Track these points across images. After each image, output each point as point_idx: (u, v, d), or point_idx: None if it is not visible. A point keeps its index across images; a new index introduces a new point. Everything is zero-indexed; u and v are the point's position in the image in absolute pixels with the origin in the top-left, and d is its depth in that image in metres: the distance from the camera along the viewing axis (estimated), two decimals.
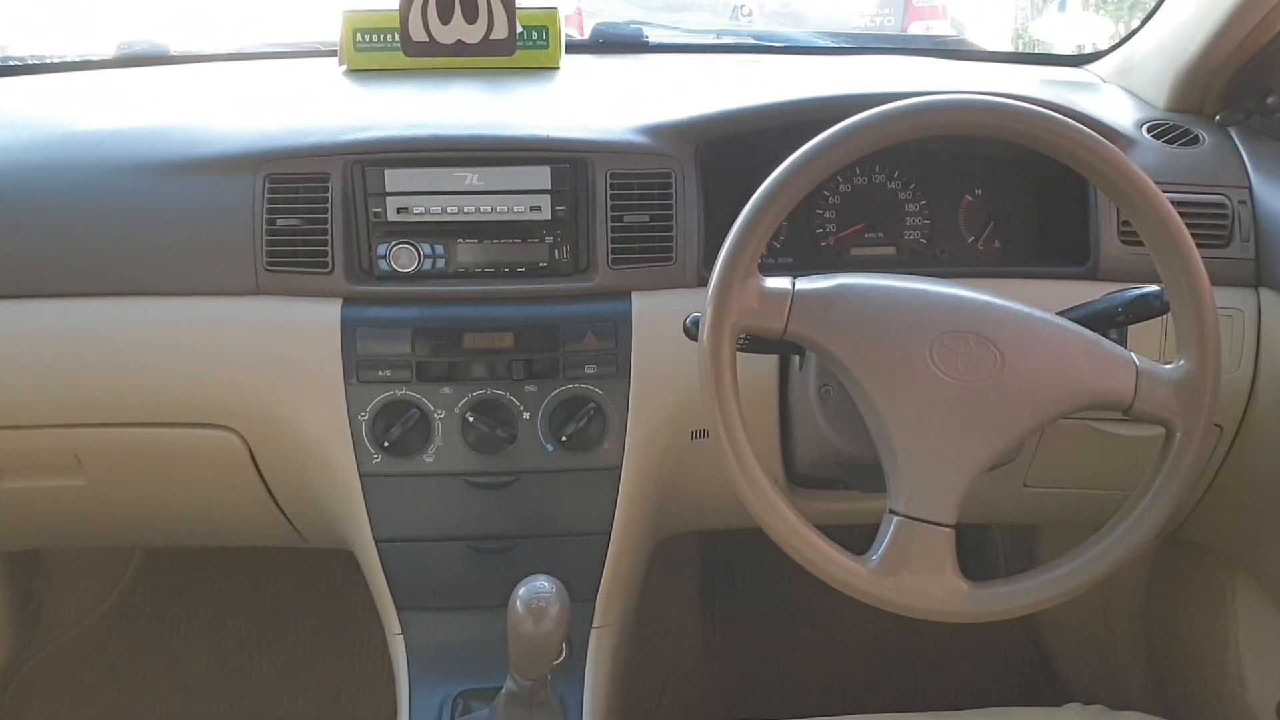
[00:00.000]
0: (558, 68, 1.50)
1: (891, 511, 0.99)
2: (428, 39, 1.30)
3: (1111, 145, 1.01)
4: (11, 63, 1.67)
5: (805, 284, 1.00)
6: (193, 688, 1.94)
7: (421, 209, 1.21)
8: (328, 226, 1.20)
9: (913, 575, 0.98)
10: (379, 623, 1.36)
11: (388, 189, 1.21)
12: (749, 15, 5.25)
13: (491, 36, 1.30)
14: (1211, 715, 1.54)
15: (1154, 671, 1.73)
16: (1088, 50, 1.72)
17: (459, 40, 1.31)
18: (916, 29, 5.89)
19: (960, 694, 1.88)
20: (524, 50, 1.46)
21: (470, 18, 1.28)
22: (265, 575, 2.03)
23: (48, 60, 1.67)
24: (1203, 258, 1.00)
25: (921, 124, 0.99)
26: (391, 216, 1.21)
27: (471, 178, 1.21)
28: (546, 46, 1.47)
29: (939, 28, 6.01)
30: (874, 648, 1.96)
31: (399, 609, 1.30)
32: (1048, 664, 1.94)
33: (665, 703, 1.88)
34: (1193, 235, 1.00)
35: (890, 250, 1.37)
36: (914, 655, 1.93)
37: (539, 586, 1.06)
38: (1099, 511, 1.46)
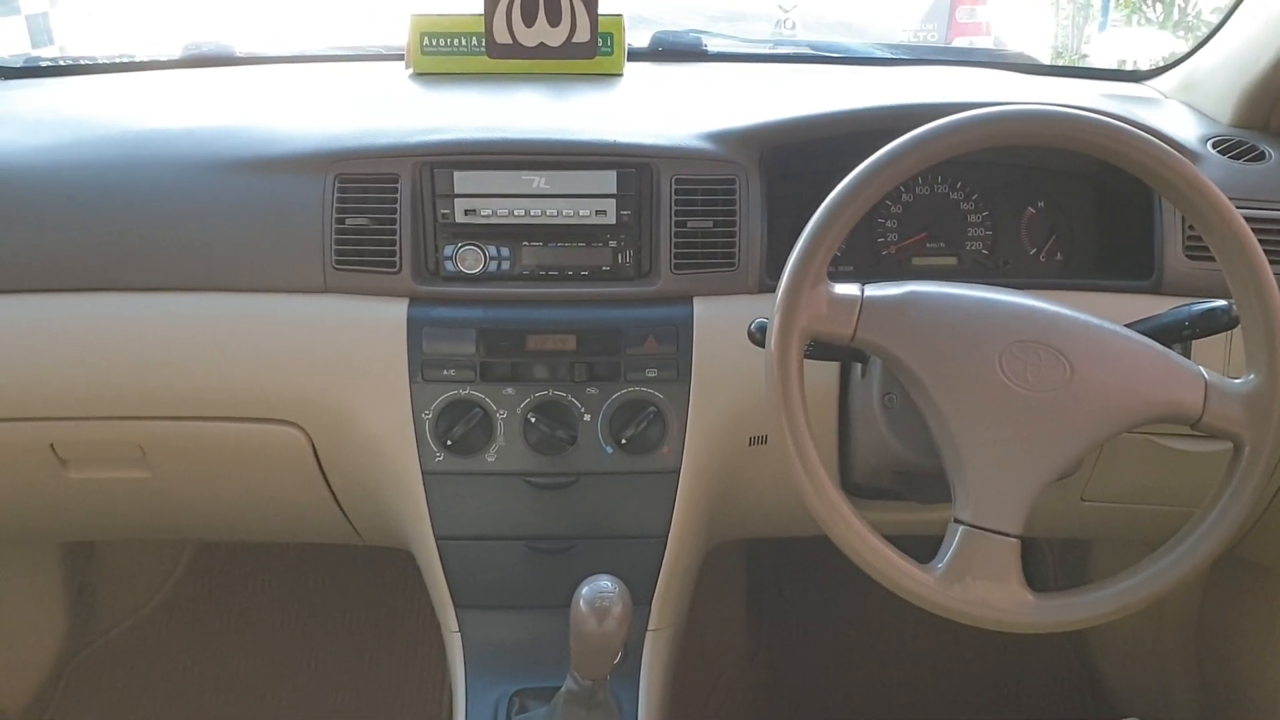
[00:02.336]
0: (621, 74, 1.51)
1: (957, 520, 0.99)
2: (511, 41, 1.32)
3: (1184, 159, 1.00)
4: (82, 62, 1.70)
5: (874, 290, 1.01)
6: (242, 682, 1.96)
7: (489, 211, 1.23)
8: (396, 227, 1.22)
9: (978, 585, 0.98)
10: (427, 622, 1.37)
11: (456, 190, 1.22)
12: (792, 29, 5.25)
13: (574, 39, 1.31)
14: None
15: (1205, 691, 1.71)
16: (1128, 67, 1.72)
17: (542, 43, 1.32)
18: (960, 45, 5.87)
19: (1007, 709, 1.87)
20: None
21: (553, 20, 1.29)
22: (316, 573, 2.05)
23: (117, 60, 1.70)
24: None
25: (995, 133, 0.99)
26: (459, 218, 1.23)
27: (538, 181, 1.23)
28: (611, 53, 1.49)
29: (981, 44, 5.99)
30: (920, 661, 1.96)
31: (457, 607, 1.31)
32: (1096, 681, 1.93)
33: (711, 710, 1.88)
34: None
35: (952, 261, 1.37)
36: (960, 669, 1.92)
37: (602, 586, 1.07)
38: (1156, 528, 1.45)
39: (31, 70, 1.67)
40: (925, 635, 1.94)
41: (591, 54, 1.36)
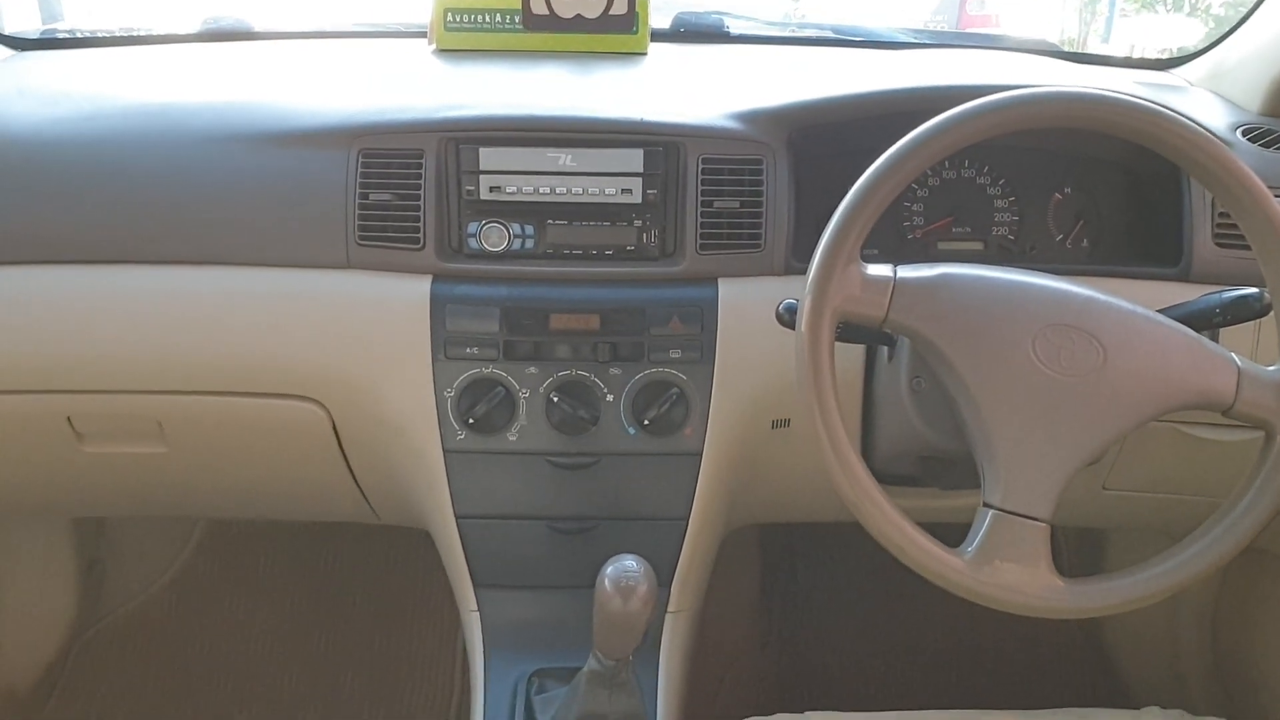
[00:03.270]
0: (645, 53, 1.50)
1: (986, 505, 0.98)
2: (548, 12, 1.31)
3: (1221, 144, 0.99)
4: (99, 35, 1.69)
5: (907, 272, 1.00)
6: (252, 661, 1.96)
7: (514, 188, 1.22)
8: (420, 203, 1.21)
9: (1008, 570, 0.97)
10: (439, 604, 1.37)
11: (481, 167, 1.21)
12: (802, 19, 5.22)
13: (611, 12, 1.29)
14: None
15: (1221, 680, 1.71)
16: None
17: (578, 15, 1.31)
18: None
19: (1019, 696, 1.87)
20: (612, 35, 1.46)
21: None
22: (328, 552, 2.05)
23: (135, 33, 1.69)
24: None
25: (1034, 114, 0.98)
26: (484, 195, 1.22)
27: (565, 159, 1.22)
28: (636, 31, 1.47)
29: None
30: (933, 648, 1.96)
31: (476, 586, 1.31)
32: (1110, 668, 1.93)
33: (724, 693, 1.88)
34: None
35: (978, 245, 1.36)
36: (972, 658, 1.92)
37: (627, 566, 1.06)
38: (1176, 518, 1.45)
39: (48, 42, 1.66)
40: (938, 622, 1.94)
41: (630, 27, 1.35)
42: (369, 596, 2.01)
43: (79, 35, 1.71)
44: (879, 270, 0.99)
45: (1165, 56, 1.69)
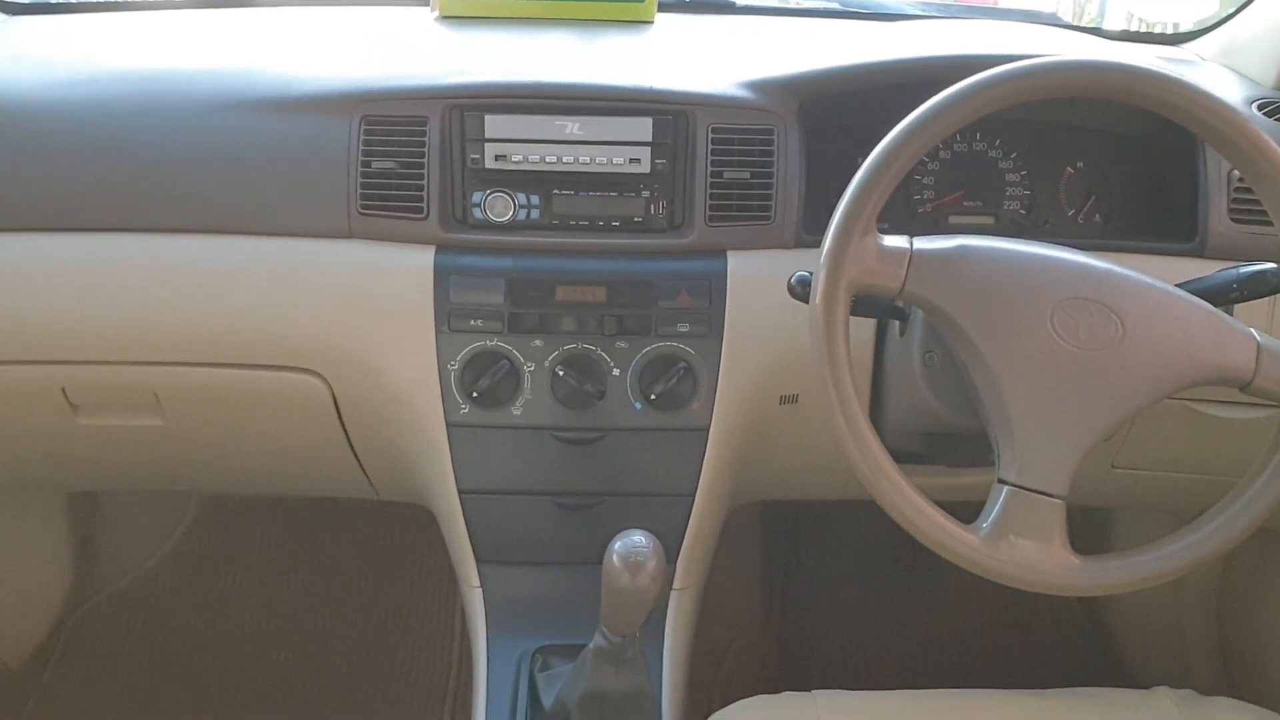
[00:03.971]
0: (652, 21, 1.48)
1: (1001, 481, 0.97)
2: None
3: (1245, 115, 0.98)
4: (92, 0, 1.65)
5: (924, 244, 0.98)
6: (246, 637, 1.94)
7: (520, 157, 1.20)
8: (424, 171, 1.19)
9: (1023, 546, 0.96)
10: (436, 582, 1.35)
11: (487, 135, 1.19)
12: None
13: None
14: None
15: (1225, 660, 1.70)
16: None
17: None
18: None
19: (1022, 675, 1.87)
20: (619, 3, 1.44)
21: None
22: (324, 529, 2.03)
23: None
24: None
25: (1053, 83, 0.96)
26: (489, 164, 1.20)
27: (572, 127, 1.19)
28: (642, 0, 1.45)
29: None
30: (933, 628, 1.95)
31: (479, 562, 1.29)
32: (1113, 648, 1.92)
33: (725, 670, 1.87)
34: None
35: (989, 220, 1.35)
36: (973, 639, 1.91)
37: (635, 541, 1.04)
38: (1185, 497, 1.44)
39: (41, 6, 1.63)
40: (939, 602, 1.94)
41: None
42: (366, 573, 1.99)
43: (72, 0, 1.67)
44: (895, 241, 0.98)
45: (1176, 32, 1.67)
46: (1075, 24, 1.75)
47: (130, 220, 1.21)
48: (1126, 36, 1.73)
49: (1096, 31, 1.69)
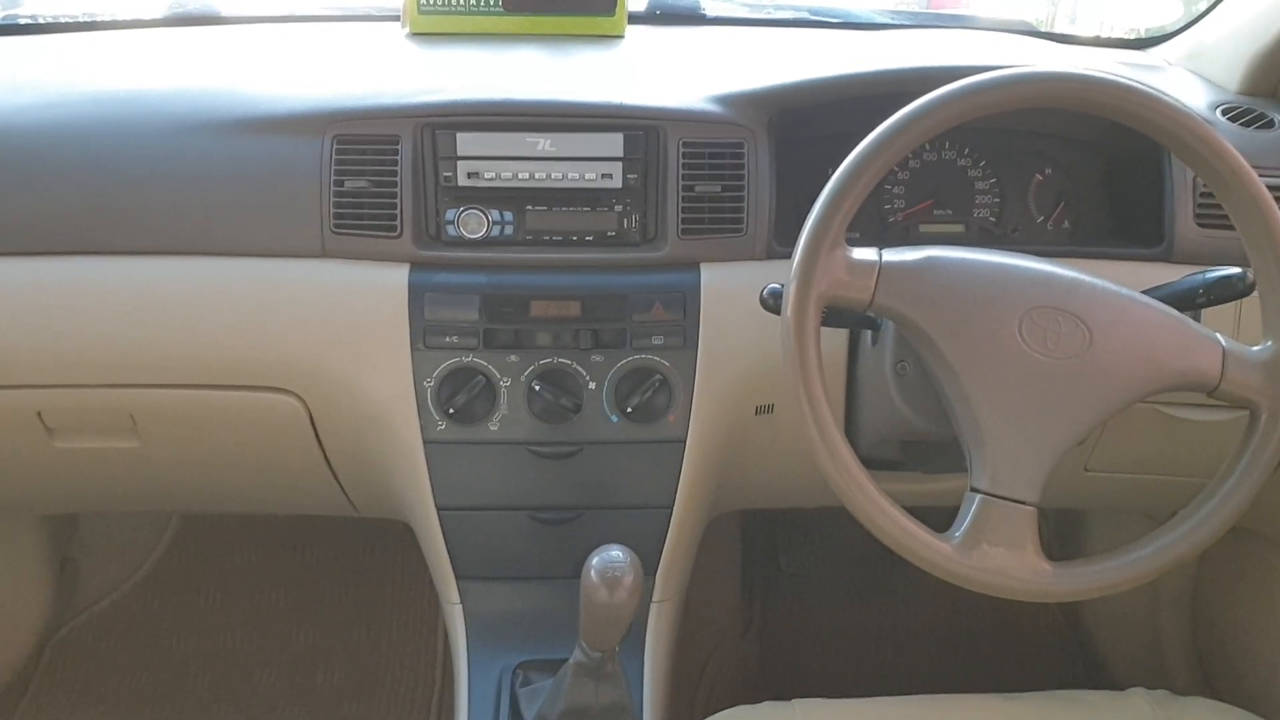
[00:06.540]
0: (623, 35, 1.48)
1: (973, 489, 0.97)
2: None
3: (1205, 123, 0.99)
4: (62, 19, 1.64)
5: (893, 255, 0.99)
6: (227, 657, 1.93)
7: (492, 174, 1.20)
8: (397, 190, 1.19)
9: (995, 553, 0.96)
10: (418, 599, 1.35)
11: (459, 153, 1.19)
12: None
13: None
14: (1263, 706, 1.53)
15: (1201, 661, 1.72)
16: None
17: None
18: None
19: (1000, 679, 1.88)
20: (589, 17, 1.44)
21: None
22: (304, 547, 2.02)
23: (98, 19, 1.65)
24: None
25: (1018, 95, 0.97)
26: (462, 181, 1.20)
27: (544, 143, 1.20)
28: (613, 14, 1.45)
29: None
30: (913, 634, 1.96)
31: (459, 578, 1.29)
32: (1089, 650, 1.93)
33: (707, 680, 1.87)
34: None
35: (959, 228, 1.36)
36: (953, 643, 1.92)
37: (613, 556, 1.05)
38: (1157, 499, 1.45)
39: (8, 28, 1.62)
40: (919, 607, 1.95)
41: (609, 9, 1.33)
42: (347, 590, 1.99)
43: (40, 21, 1.66)
44: (864, 254, 0.98)
45: (1144, 36, 1.69)
46: (1046, 30, 1.76)
47: (104, 243, 1.21)
48: (1097, 42, 1.75)
49: (1065, 38, 1.71)
